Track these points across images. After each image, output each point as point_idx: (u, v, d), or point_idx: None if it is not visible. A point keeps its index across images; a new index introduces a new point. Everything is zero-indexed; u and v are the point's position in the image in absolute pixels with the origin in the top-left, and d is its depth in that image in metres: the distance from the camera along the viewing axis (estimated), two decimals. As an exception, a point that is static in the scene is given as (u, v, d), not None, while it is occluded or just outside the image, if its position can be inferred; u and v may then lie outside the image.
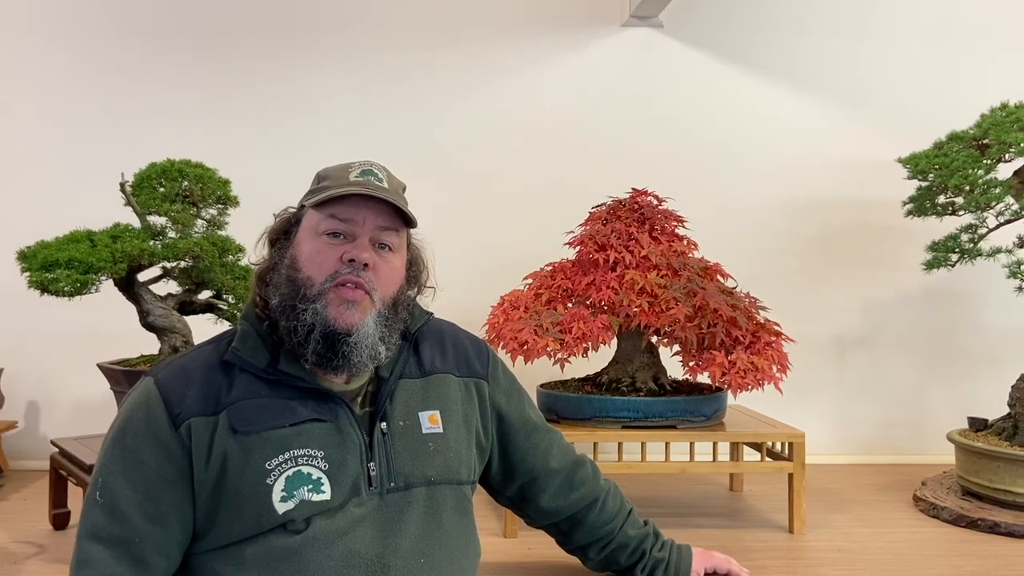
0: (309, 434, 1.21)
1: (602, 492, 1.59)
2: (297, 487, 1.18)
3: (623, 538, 1.58)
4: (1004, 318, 3.00)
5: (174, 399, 1.20)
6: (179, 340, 2.25)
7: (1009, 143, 2.26)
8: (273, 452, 1.19)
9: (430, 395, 1.35)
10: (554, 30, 3.06)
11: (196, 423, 1.19)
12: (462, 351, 1.47)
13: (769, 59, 3.08)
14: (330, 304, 1.22)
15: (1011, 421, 2.34)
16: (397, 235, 1.30)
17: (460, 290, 2.83)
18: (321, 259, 1.24)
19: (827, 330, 3.06)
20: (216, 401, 1.21)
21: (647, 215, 2.34)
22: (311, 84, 2.99)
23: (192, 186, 2.31)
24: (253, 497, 1.17)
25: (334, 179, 1.29)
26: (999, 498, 2.22)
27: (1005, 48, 3.09)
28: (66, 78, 2.91)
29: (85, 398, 2.82)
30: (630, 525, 1.59)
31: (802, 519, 2.12)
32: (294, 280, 1.25)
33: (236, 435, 1.18)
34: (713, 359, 2.08)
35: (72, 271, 2.04)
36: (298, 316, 1.22)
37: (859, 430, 3.05)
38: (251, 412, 1.20)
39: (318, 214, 1.26)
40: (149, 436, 1.19)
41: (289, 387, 1.24)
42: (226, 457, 1.18)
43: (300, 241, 1.27)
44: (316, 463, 1.20)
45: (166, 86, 2.94)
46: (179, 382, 1.22)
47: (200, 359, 1.26)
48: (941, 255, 2.42)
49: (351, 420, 1.25)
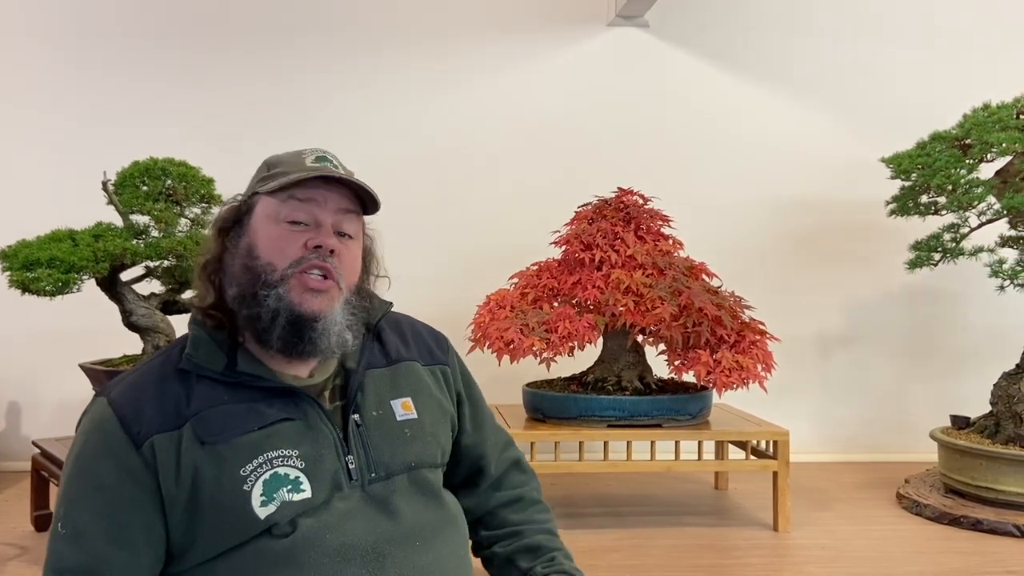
0: (280, 435, 1.19)
1: (533, 492, 1.54)
2: (276, 489, 1.16)
3: (532, 541, 1.51)
4: (986, 317, 3.03)
5: (130, 418, 1.16)
6: (162, 340, 2.23)
7: (991, 143, 2.28)
8: (246, 458, 1.16)
9: (400, 383, 1.34)
10: (540, 29, 3.05)
11: (159, 440, 1.15)
12: (422, 341, 1.46)
13: (753, 59, 3.09)
14: (293, 289, 1.18)
15: (993, 419, 2.36)
16: (356, 221, 1.29)
17: (446, 289, 2.83)
18: (283, 244, 1.19)
19: (811, 329, 3.07)
20: (176, 414, 1.17)
21: (633, 214, 2.34)
22: (295, 83, 2.97)
23: (175, 185, 2.29)
24: (232, 506, 1.14)
25: (289, 164, 1.25)
26: (981, 495, 2.24)
27: (988, 49, 3.12)
28: (48, 77, 2.88)
29: (67, 399, 2.80)
30: (540, 529, 1.47)
31: (787, 517, 2.13)
32: (252, 268, 1.20)
33: (204, 446, 1.15)
34: (698, 358, 2.09)
35: (54, 270, 2.01)
36: (260, 303, 1.17)
37: (843, 428, 3.07)
38: (217, 420, 1.17)
39: (275, 200, 1.23)
40: (108, 459, 1.15)
41: (251, 388, 1.21)
42: (196, 470, 1.14)
43: (256, 229, 1.23)
44: (292, 463, 1.17)
45: (149, 85, 2.92)
46: (133, 399, 1.17)
47: (152, 373, 1.22)
48: (924, 254, 2.44)
49: (320, 416, 1.23)
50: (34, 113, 2.87)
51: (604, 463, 2.10)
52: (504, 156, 3.02)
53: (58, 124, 2.87)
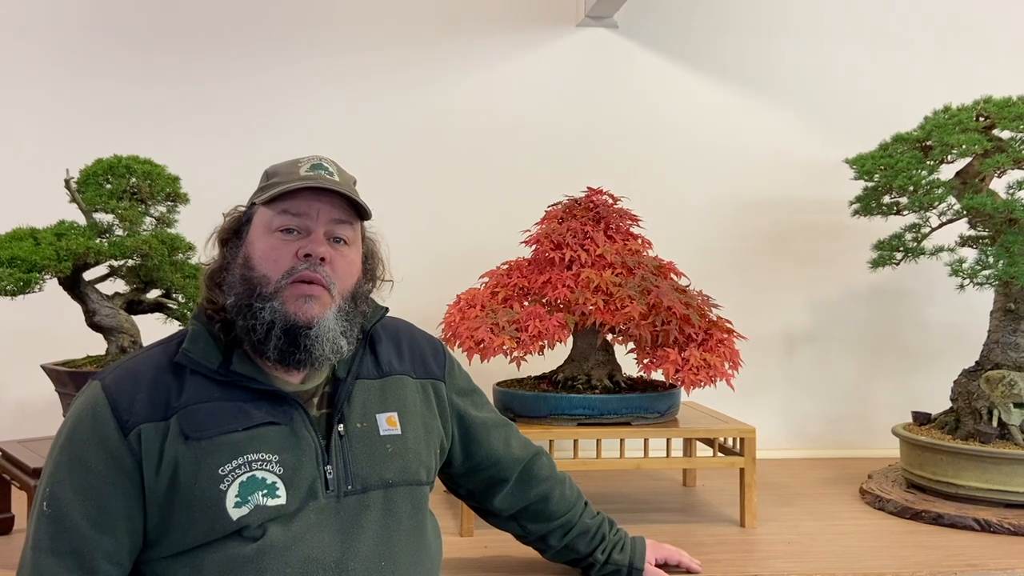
0: (263, 438, 1.19)
1: (560, 481, 1.63)
2: (251, 492, 1.16)
3: (583, 525, 1.62)
4: (946, 315, 3.09)
5: (122, 405, 1.17)
6: (127, 340, 2.20)
7: (951, 145, 2.33)
8: (226, 457, 1.17)
9: (388, 397, 1.35)
10: (509, 30, 3.06)
11: (146, 429, 1.16)
12: (418, 352, 1.47)
13: (721, 60, 3.13)
14: (287, 301, 1.21)
15: (953, 415, 2.41)
16: (352, 228, 1.30)
17: (416, 288, 2.82)
18: (276, 256, 1.23)
19: (776, 327, 3.11)
20: (166, 405, 1.18)
21: (602, 214, 2.36)
22: (263, 81, 2.94)
23: (140, 183, 2.26)
24: (206, 504, 1.15)
25: (284, 175, 1.27)
26: (942, 490, 2.28)
27: (949, 51, 3.18)
28: (7, 73, 2.82)
29: (28, 400, 2.74)
30: (587, 514, 1.63)
31: (753, 513, 2.16)
32: (248, 279, 1.23)
33: (188, 441, 1.16)
34: (667, 356, 2.11)
35: (15, 269, 1.98)
36: (255, 315, 1.20)
37: (807, 425, 3.11)
38: (203, 417, 1.18)
39: (269, 211, 1.25)
40: (97, 443, 1.16)
41: (242, 388, 1.22)
42: (177, 464, 1.15)
43: (253, 240, 1.26)
44: (271, 467, 1.18)
45: (113, 81, 2.87)
46: (127, 386, 1.19)
47: (149, 361, 1.23)
48: (886, 253, 2.48)
49: (306, 423, 1.24)
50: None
51: (574, 461, 2.11)
52: (473, 156, 3.02)
53: (19, 121, 2.82)
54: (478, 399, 1.58)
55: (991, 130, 2.38)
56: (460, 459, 1.52)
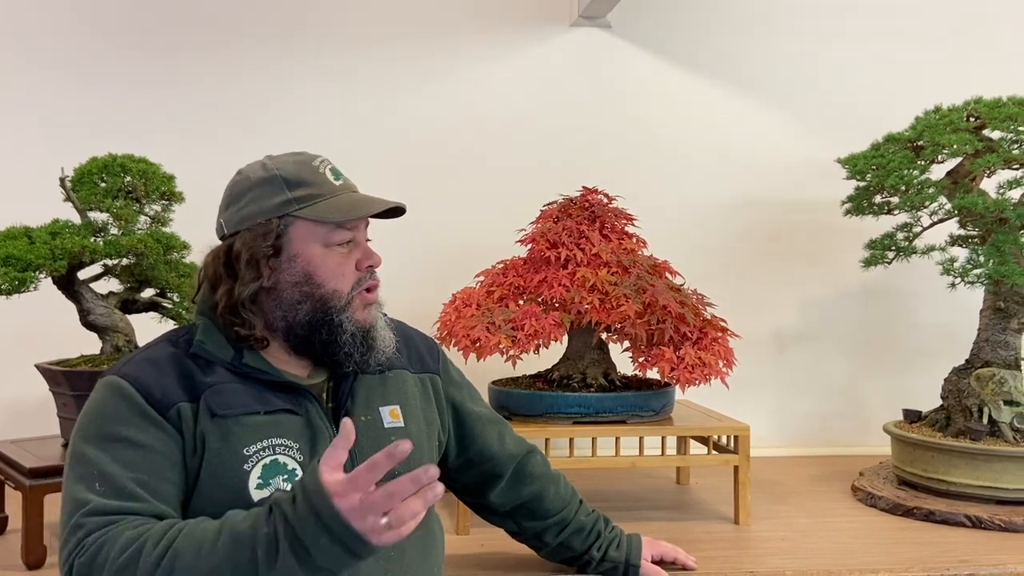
0: (284, 424, 1.23)
1: (554, 479, 1.64)
2: (273, 476, 1.19)
3: (578, 522, 1.63)
4: (937, 314, 3.11)
5: (151, 387, 1.18)
6: (121, 339, 2.20)
7: (942, 145, 2.35)
8: (251, 438, 1.19)
9: (389, 390, 1.38)
10: (502, 29, 3.06)
11: (184, 408, 1.19)
12: (414, 348, 1.51)
13: (715, 60, 3.14)
14: (357, 310, 1.30)
15: (944, 413, 2.44)
16: None
17: (411, 287, 2.83)
18: (343, 271, 1.29)
19: (769, 326, 3.13)
20: (194, 386, 1.21)
21: (597, 213, 2.37)
22: (258, 80, 2.94)
23: (135, 181, 2.25)
24: (230, 482, 1.17)
25: (319, 185, 1.31)
26: (933, 487, 2.30)
27: (940, 51, 3.20)
28: (3, 76, 2.81)
29: (22, 399, 2.73)
30: (582, 511, 1.65)
31: (747, 510, 2.17)
32: (316, 296, 1.28)
33: (214, 418, 1.19)
34: (662, 355, 2.12)
35: (9, 268, 1.97)
36: (338, 328, 1.27)
37: (800, 423, 3.13)
38: (229, 396, 1.21)
39: (322, 227, 1.28)
40: (137, 422, 1.16)
41: (256, 380, 1.25)
42: (205, 440, 1.18)
43: (308, 256, 1.28)
44: (292, 454, 1.21)
45: (108, 80, 2.86)
46: (151, 373, 1.21)
47: (162, 351, 1.26)
48: (878, 253, 2.50)
49: (320, 414, 1.27)
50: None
51: (570, 459, 2.12)
52: (467, 155, 3.03)
53: (14, 120, 2.80)
54: (472, 393, 1.62)
55: (981, 130, 2.41)
56: (455, 453, 1.55)
